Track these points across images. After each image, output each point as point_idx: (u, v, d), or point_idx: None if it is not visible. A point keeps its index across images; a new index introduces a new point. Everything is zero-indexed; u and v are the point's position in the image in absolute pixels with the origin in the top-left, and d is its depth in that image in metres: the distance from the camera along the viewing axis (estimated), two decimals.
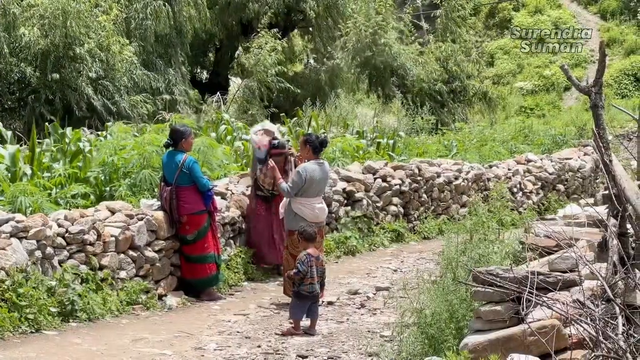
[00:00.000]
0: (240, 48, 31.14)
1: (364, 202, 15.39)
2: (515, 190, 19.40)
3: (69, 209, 11.08)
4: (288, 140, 13.19)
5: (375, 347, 8.57)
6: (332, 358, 8.73)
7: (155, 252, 11.11)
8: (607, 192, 6.91)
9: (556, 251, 7.10)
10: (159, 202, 11.44)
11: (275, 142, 12.36)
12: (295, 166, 11.68)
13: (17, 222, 9.51)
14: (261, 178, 12.53)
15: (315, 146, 10.93)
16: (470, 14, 39.96)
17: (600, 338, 5.06)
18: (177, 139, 11.28)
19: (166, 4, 25.60)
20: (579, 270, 5.96)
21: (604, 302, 5.59)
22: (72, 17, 21.51)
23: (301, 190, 10.76)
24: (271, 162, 11.69)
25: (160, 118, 18.75)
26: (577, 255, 5.99)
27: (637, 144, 8.41)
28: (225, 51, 35.28)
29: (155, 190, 12.31)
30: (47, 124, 17.68)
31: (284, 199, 11.25)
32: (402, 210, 16.51)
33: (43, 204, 11.45)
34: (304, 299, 9.72)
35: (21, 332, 9.01)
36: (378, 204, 15.82)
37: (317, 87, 32.62)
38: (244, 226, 12.94)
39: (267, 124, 13.36)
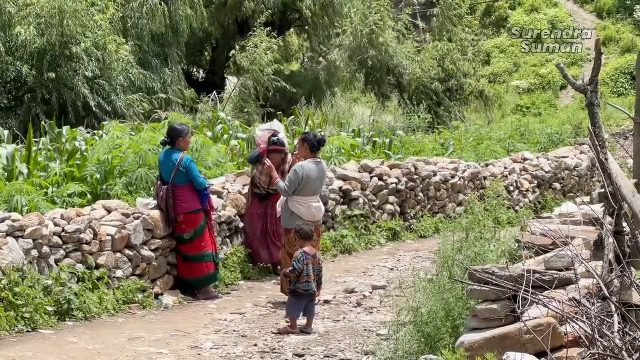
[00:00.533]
0: (236, 47, 31.13)
1: (360, 200, 15.40)
2: (511, 188, 19.40)
3: (65, 208, 11.07)
4: (287, 144, 13.14)
5: (371, 346, 8.58)
6: (328, 357, 8.74)
7: (152, 251, 11.11)
8: (603, 190, 6.92)
9: (552, 249, 7.11)
10: (155, 201, 11.44)
11: (275, 138, 12.34)
12: (292, 165, 11.71)
13: (13, 221, 9.50)
14: (257, 175, 12.54)
15: (312, 144, 10.94)
16: (467, 12, 39.90)
17: (596, 336, 5.06)
18: (174, 137, 11.27)
19: (162, 2, 25.59)
20: (574, 269, 5.97)
21: (599, 300, 5.59)
22: (68, 16, 21.50)
23: (298, 188, 10.76)
24: (267, 162, 11.68)
25: (157, 117, 18.73)
26: (573, 253, 6.00)
27: (633, 142, 8.41)
28: (221, 50, 35.27)
29: (152, 188, 12.31)
30: (43, 122, 17.68)
31: (281, 197, 11.25)
32: (398, 208, 16.52)
33: (39, 202, 11.46)
34: (300, 297, 9.73)
35: (17, 331, 9.01)
36: (374, 203, 15.83)
37: (314, 86, 32.64)
38: (240, 225, 12.93)
39: (276, 124, 13.31)
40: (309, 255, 9.81)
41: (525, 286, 5.63)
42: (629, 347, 5.08)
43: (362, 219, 15.35)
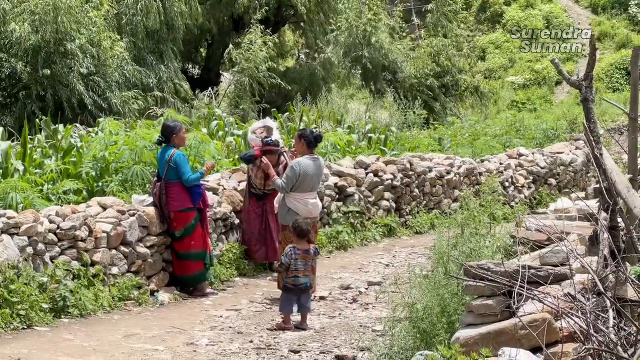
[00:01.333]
0: (231, 44, 31.09)
1: (356, 196, 15.39)
2: (506, 184, 19.42)
3: (61, 205, 11.06)
4: (280, 141, 13.10)
5: (367, 342, 8.58)
6: (324, 353, 8.74)
7: (147, 247, 11.10)
8: (598, 185, 6.92)
9: (547, 245, 7.10)
10: (151, 198, 11.43)
11: (268, 139, 12.34)
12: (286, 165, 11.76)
13: (9, 218, 9.50)
14: (253, 178, 12.55)
15: (309, 141, 10.92)
16: (462, 8, 39.93)
17: (591, 331, 5.07)
18: (168, 135, 11.27)
19: None
20: (570, 264, 5.96)
21: (594, 296, 5.60)
22: (62, 12, 21.47)
23: (295, 185, 10.75)
24: (265, 159, 11.66)
25: (152, 113, 18.71)
26: (568, 248, 6.00)
27: (628, 138, 8.42)
28: (216, 46, 35.21)
29: (147, 185, 12.31)
30: (38, 120, 17.65)
31: (279, 193, 11.24)
32: (393, 204, 16.52)
33: (34, 200, 11.43)
34: (290, 292, 9.76)
35: (13, 328, 9.00)
36: (370, 199, 15.82)
37: (309, 82, 32.61)
38: (235, 221, 12.93)
39: (269, 121, 13.29)
40: (300, 250, 9.81)
41: (520, 282, 5.64)
42: (624, 342, 5.09)
43: (357, 215, 15.36)
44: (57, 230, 10.01)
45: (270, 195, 12.33)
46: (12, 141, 15.18)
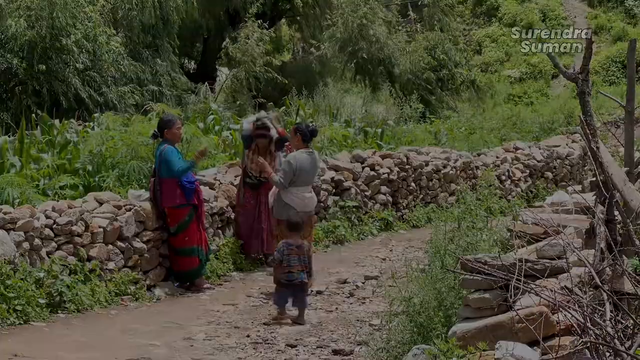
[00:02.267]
0: (227, 38, 31.05)
1: (352, 191, 15.39)
2: (503, 178, 19.42)
3: (57, 200, 11.04)
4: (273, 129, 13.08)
5: (364, 336, 8.59)
6: (321, 347, 8.74)
7: (144, 242, 11.09)
8: (594, 179, 6.93)
9: (544, 238, 7.11)
10: (147, 193, 11.42)
11: (259, 122, 12.41)
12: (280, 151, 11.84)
13: (5, 213, 9.48)
14: (248, 164, 12.56)
15: (305, 135, 10.93)
16: (458, 1, 39.87)
17: (588, 324, 5.07)
18: (162, 130, 11.27)
19: None
20: (566, 257, 5.97)
21: (591, 289, 5.60)
22: (58, 8, 21.40)
23: (292, 180, 10.74)
24: (261, 159, 11.65)
25: (148, 108, 18.69)
26: (565, 242, 6.00)
27: (625, 131, 8.42)
28: (213, 41, 35.16)
29: (144, 181, 12.31)
30: (34, 115, 17.61)
31: (274, 187, 11.24)
32: (390, 199, 16.52)
33: (31, 195, 11.41)
34: (283, 287, 9.76)
35: (9, 324, 8.99)
36: (366, 193, 15.82)
37: (305, 77, 32.57)
38: (232, 216, 12.92)
39: (262, 115, 13.35)
40: (293, 245, 9.80)
41: (517, 275, 5.63)
42: (621, 335, 5.09)
43: (354, 209, 15.35)
44: (54, 226, 10.00)
45: (265, 184, 12.32)
46: (9, 136, 15.15)
